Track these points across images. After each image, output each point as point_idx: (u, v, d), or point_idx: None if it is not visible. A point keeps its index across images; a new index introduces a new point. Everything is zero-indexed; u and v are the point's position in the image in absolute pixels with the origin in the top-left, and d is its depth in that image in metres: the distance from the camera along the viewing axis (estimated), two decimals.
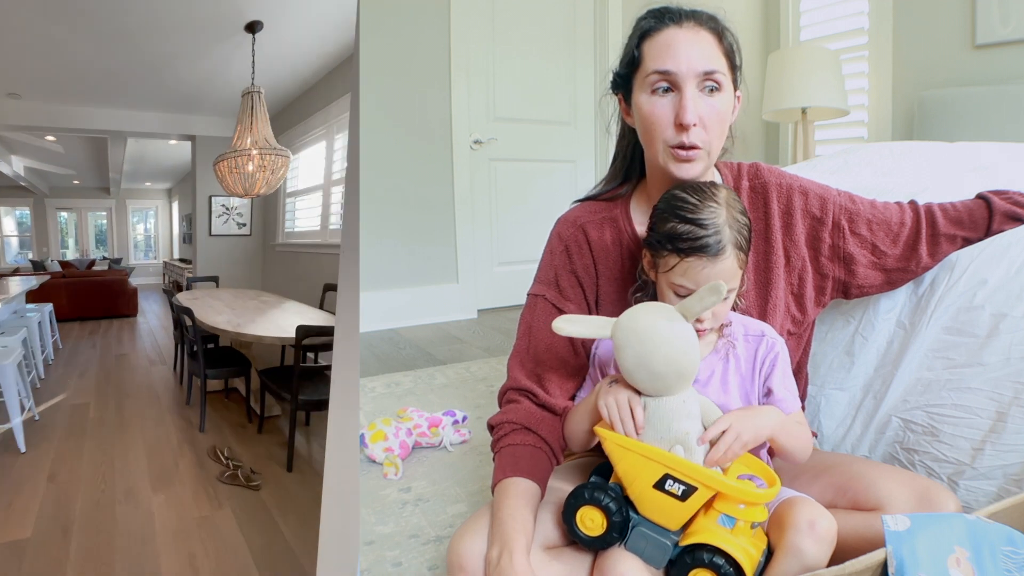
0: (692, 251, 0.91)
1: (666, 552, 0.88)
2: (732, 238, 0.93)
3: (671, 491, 0.86)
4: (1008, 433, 1.06)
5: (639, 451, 0.87)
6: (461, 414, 1.94)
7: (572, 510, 0.91)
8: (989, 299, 1.11)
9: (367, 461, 1.75)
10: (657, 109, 0.99)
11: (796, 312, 1.13)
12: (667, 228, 0.94)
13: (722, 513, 0.87)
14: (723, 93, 1.00)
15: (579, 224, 1.15)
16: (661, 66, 0.98)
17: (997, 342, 1.08)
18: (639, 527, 0.89)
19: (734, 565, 0.84)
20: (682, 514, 0.87)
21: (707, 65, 0.98)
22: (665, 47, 0.99)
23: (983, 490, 1.10)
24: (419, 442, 1.83)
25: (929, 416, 1.16)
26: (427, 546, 1.34)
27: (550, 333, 1.10)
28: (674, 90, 0.98)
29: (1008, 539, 0.78)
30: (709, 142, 1.00)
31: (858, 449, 1.25)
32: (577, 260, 1.13)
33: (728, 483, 0.86)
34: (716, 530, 0.86)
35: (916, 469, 1.18)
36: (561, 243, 1.15)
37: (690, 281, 0.93)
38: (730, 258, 0.92)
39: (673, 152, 0.99)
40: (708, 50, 0.99)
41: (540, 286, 1.16)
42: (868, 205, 1.15)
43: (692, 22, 0.99)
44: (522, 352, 1.13)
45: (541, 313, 1.13)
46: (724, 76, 1.00)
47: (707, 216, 0.92)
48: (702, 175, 1.02)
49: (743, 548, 0.85)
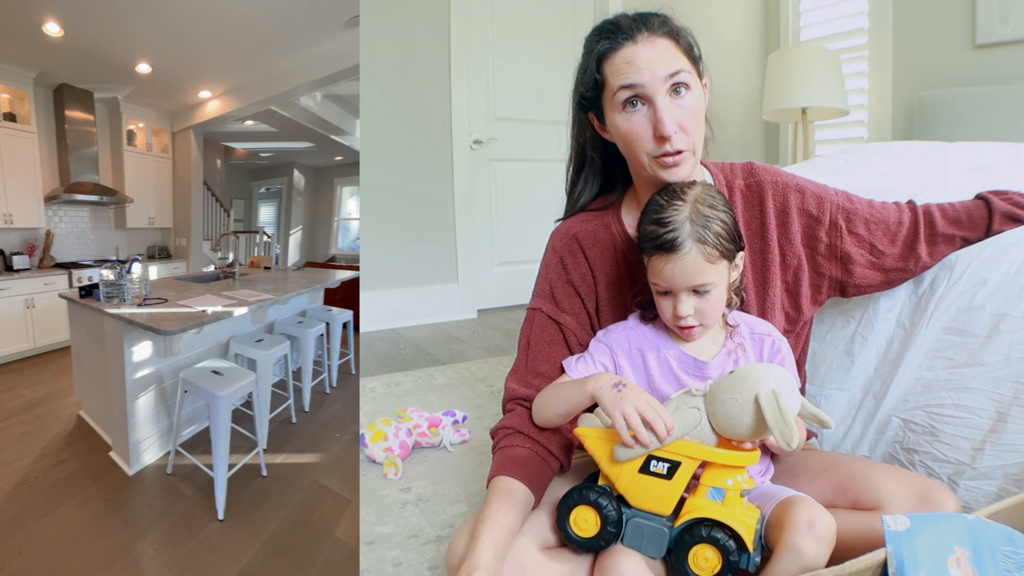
0: (655, 249, 0.95)
1: (664, 538, 0.88)
2: (693, 233, 0.94)
3: (657, 472, 0.87)
4: (1008, 433, 1.06)
5: (618, 437, 0.88)
6: (461, 414, 1.94)
7: (564, 514, 0.92)
8: (989, 299, 1.11)
9: (367, 461, 1.75)
10: (634, 126, 1.00)
11: (791, 310, 1.14)
12: (642, 231, 0.99)
13: (710, 488, 0.88)
14: (692, 91, 1.00)
15: (572, 234, 1.16)
16: (626, 80, 0.98)
17: (997, 342, 1.08)
18: (633, 519, 0.89)
19: (732, 535, 0.84)
20: (671, 494, 0.88)
21: (670, 67, 0.98)
22: (625, 64, 0.99)
23: (983, 490, 1.10)
24: (419, 442, 1.83)
25: (929, 416, 1.16)
26: (427, 546, 1.34)
27: (547, 344, 1.12)
28: (645, 102, 0.99)
29: (1008, 539, 0.78)
30: (692, 143, 1.01)
31: (858, 449, 1.25)
32: (573, 270, 1.14)
33: (711, 449, 0.86)
34: (708, 505, 0.87)
35: (916, 469, 1.18)
36: (556, 255, 1.17)
37: (659, 278, 0.97)
38: (691, 253, 0.93)
39: (659, 161, 1.00)
40: (668, 55, 0.99)
41: (537, 299, 1.17)
42: (866, 204, 1.15)
43: (646, 32, 0.99)
44: (521, 368, 1.14)
45: (538, 327, 1.14)
46: (689, 73, 1.00)
47: (669, 215, 0.95)
48: (691, 175, 1.03)
49: (738, 518, 0.85)
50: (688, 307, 0.96)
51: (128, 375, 2.06)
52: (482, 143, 3.63)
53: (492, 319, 3.56)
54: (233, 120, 5.33)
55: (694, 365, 1.01)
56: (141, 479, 2.10)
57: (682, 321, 0.97)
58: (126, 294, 2.25)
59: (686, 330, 0.99)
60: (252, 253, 6.34)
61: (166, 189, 5.83)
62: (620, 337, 1.06)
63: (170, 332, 1.88)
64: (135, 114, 5.32)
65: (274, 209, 8.54)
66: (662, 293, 0.98)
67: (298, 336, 2.85)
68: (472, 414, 2.07)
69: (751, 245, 1.12)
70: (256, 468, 2.14)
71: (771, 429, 0.81)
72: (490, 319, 3.56)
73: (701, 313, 0.97)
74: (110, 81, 4.62)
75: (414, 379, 2.48)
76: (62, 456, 2.30)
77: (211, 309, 2.18)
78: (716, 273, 0.96)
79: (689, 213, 0.95)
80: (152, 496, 1.98)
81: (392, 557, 1.31)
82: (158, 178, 5.70)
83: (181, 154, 5.80)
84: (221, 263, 3.71)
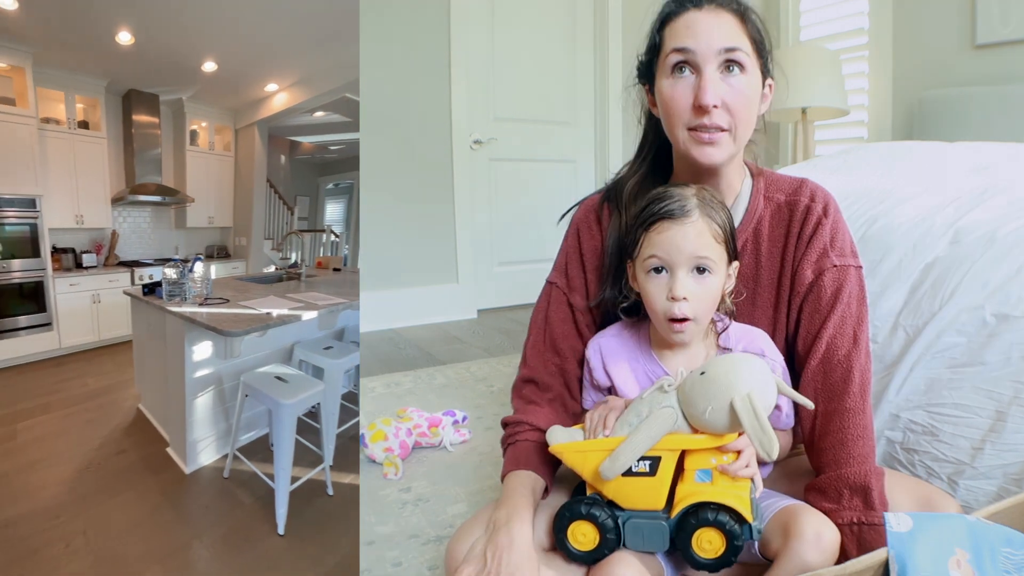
0: (658, 218, 0.92)
1: (664, 532, 0.87)
2: (701, 207, 0.92)
3: (640, 471, 0.87)
4: (1008, 432, 1.06)
5: (596, 447, 0.88)
6: (461, 414, 1.94)
7: (562, 531, 0.91)
8: (989, 299, 1.11)
9: (367, 461, 1.75)
10: (676, 91, 0.97)
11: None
12: (641, 210, 0.96)
13: (696, 471, 0.87)
14: (747, 74, 0.96)
15: (592, 206, 1.14)
16: (680, 43, 0.96)
17: (997, 342, 1.08)
18: (629, 521, 0.89)
19: (730, 512, 0.84)
20: (659, 488, 0.87)
21: (727, 42, 0.95)
22: (684, 28, 0.96)
23: (983, 489, 1.10)
24: (419, 442, 1.83)
25: (929, 416, 1.16)
26: (427, 546, 1.34)
27: (562, 322, 1.10)
28: (694, 71, 0.96)
29: (1007, 540, 0.78)
30: (735, 125, 0.96)
31: None
32: (586, 242, 1.12)
33: (687, 437, 0.86)
34: (699, 488, 0.86)
35: (916, 469, 1.18)
36: (574, 226, 1.15)
37: (659, 250, 0.92)
38: (698, 223, 0.91)
39: (694, 135, 0.96)
40: (728, 29, 0.96)
41: (554, 272, 1.16)
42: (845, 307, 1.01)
43: (713, 4, 0.97)
44: (539, 341, 1.12)
45: (555, 303, 1.13)
46: (748, 56, 0.96)
47: (672, 192, 0.94)
48: (727, 161, 1.00)
49: (731, 494, 0.85)
50: (686, 287, 0.91)
51: (188, 374, 2.04)
52: (482, 143, 3.63)
53: (492, 319, 3.56)
54: (302, 112, 5.15)
55: None
56: (198, 479, 2.09)
57: (676, 306, 0.91)
58: (188, 293, 2.24)
59: (678, 323, 0.92)
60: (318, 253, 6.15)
61: (227, 188, 5.81)
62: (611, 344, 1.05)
63: (233, 334, 1.82)
64: (198, 113, 5.35)
65: (343, 206, 7.93)
66: (657, 272, 0.93)
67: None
68: (472, 414, 2.07)
69: (770, 262, 1.06)
70: (321, 485, 1.99)
71: (751, 439, 0.80)
72: (490, 319, 3.56)
73: (696, 299, 0.91)
74: (177, 83, 4.70)
75: (414, 379, 2.48)
76: (123, 446, 2.37)
77: (276, 311, 2.08)
78: (718, 256, 0.93)
79: (695, 192, 0.94)
80: (208, 498, 1.96)
81: (392, 557, 1.31)
82: (220, 177, 5.70)
83: (244, 151, 5.74)
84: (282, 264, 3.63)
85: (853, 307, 1.00)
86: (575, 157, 3.98)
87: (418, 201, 3.45)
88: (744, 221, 1.06)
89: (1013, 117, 2.50)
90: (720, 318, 1.00)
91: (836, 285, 1.00)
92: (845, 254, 1.02)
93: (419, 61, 3.36)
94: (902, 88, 3.10)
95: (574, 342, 1.09)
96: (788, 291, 1.04)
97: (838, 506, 0.90)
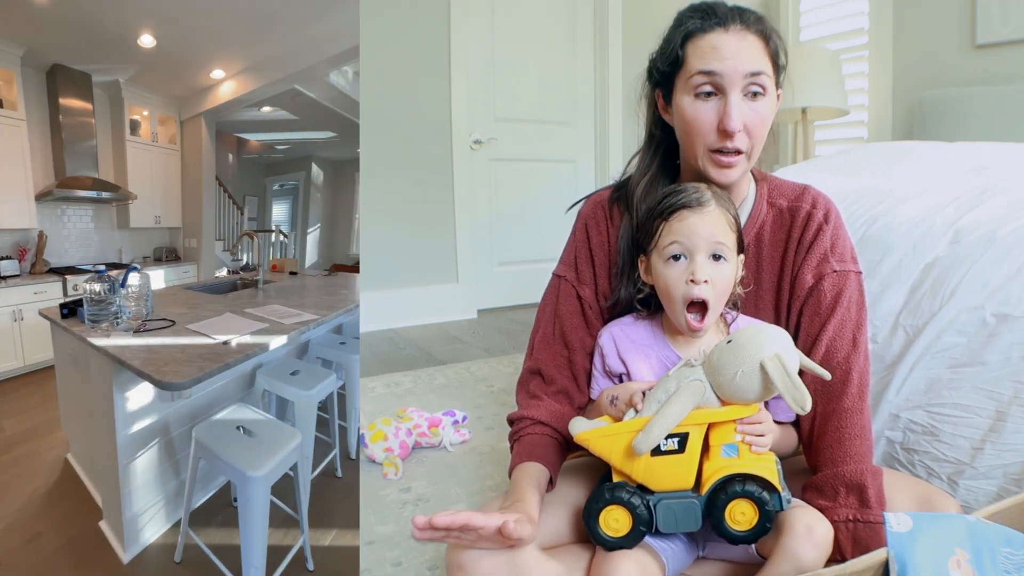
0: (678, 208, 0.96)
1: (696, 510, 0.88)
2: (717, 200, 0.96)
3: (669, 448, 0.87)
4: (1008, 432, 1.06)
5: (623, 429, 0.88)
6: (461, 414, 1.94)
7: (595, 516, 0.90)
8: (989, 299, 1.11)
9: (367, 461, 1.75)
10: (700, 114, 0.98)
11: None
12: (658, 203, 0.99)
13: (722, 446, 0.88)
14: (767, 97, 0.98)
15: (601, 202, 1.15)
16: (706, 66, 0.96)
17: (997, 342, 1.08)
18: (661, 503, 0.89)
19: (759, 482, 0.84)
20: (688, 466, 0.88)
21: (753, 66, 0.96)
22: (711, 49, 0.97)
23: (983, 489, 1.10)
24: (419, 442, 1.83)
25: (929, 415, 1.16)
26: (427, 546, 1.34)
27: (571, 315, 1.11)
28: (718, 94, 0.97)
29: (1007, 540, 0.78)
30: (751, 147, 0.99)
31: None
32: (594, 237, 1.13)
33: (712, 411, 0.87)
34: (726, 463, 0.87)
35: (916, 469, 1.18)
36: (582, 220, 1.16)
37: (680, 236, 0.95)
38: (716, 212, 0.95)
39: (714, 157, 0.99)
40: (755, 53, 0.97)
41: (562, 266, 1.16)
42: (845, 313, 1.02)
43: (739, 24, 0.97)
44: (548, 334, 1.13)
45: (564, 296, 1.13)
46: (769, 78, 0.98)
47: (688, 187, 0.98)
48: (740, 180, 1.03)
49: (758, 465, 0.86)
50: (705, 270, 0.93)
51: (120, 430, 1.52)
52: (482, 143, 3.63)
53: (492, 319, 3.56)
54: (249, 105, 4.84)
55: None
56: (140, 566, 1.59)
57: (697, 288, 0.93)
58: (120, 314, 1.74)
59: (695, 311, 0.94)
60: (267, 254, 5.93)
61: (174, 185, 5.32)
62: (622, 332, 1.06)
63: (176, 386, 1.31)
64: (139, 100, 4.85)
65: (288, 206, 8.02)
66: (676, 259, 0.95)
67: (341, 362, 2.23)
68: (472, 414, 2.07)
69: (771, 265, 1.08)
70: (299, 559, 1.58)
71: (783, 395, 0.81)
72: (490, 319, 3.56)
73: (713, 284, 0.94)
74: (110, 59, 4.12)
75: (414, 379, 2.48)
76: (39, 526, 1.78)
77: (236, 340, 1.63)
78: (732, 244, 0.96)
79: (708, 186, 0.98)
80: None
81: (392, 557, 1.31)
82: (165, 173, 5.20)
83: (190, 145, 5.29)
84: (235, 266, 3.43)
85: (853, 311, 1.01)
86: (575, 157, 3.98)
87: (418, 201, 3.45)
88: (747, 225, 1.08)
89: (1013, 117, 2.50)
90: (728, 311, 1.03)
91: (836, 290, 1.01)
92: (845, 260, 1.03)
93: (419, 61, 3.36)
94: (902, 88, 3.10)
95: (583, 335, 1.10)
96: (788, 295, 1.06)
97: (834, 503, 0.92)
